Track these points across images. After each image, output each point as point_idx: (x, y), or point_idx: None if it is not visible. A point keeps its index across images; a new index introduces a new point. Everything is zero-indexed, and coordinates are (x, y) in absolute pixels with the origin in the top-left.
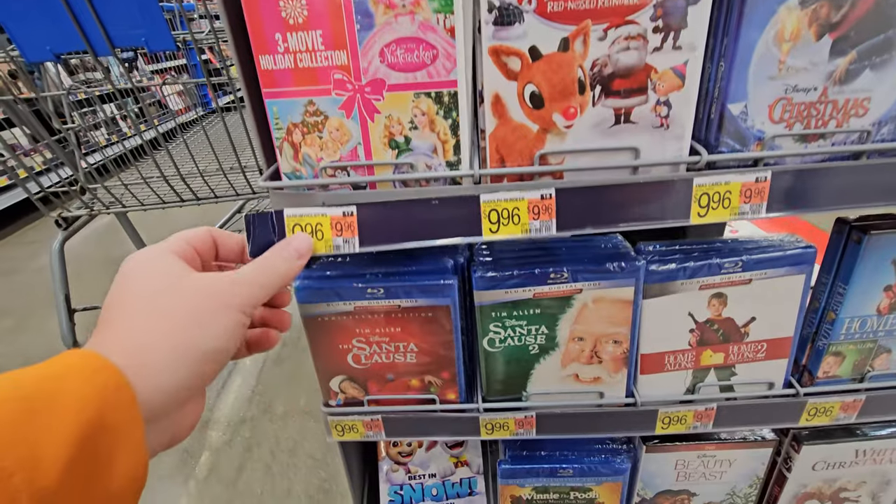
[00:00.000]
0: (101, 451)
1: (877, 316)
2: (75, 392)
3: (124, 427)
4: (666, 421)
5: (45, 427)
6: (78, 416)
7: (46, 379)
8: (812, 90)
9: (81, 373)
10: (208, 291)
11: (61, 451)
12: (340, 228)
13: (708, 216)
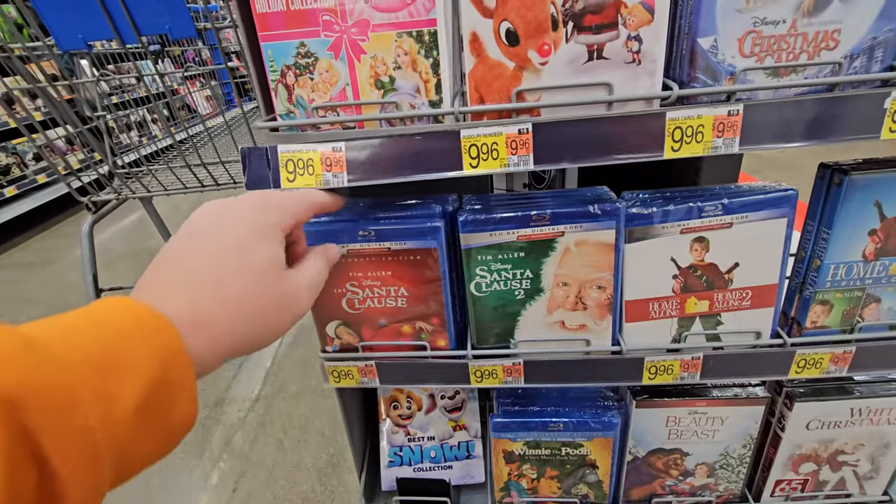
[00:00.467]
0: (161, 403)
1: (863, 262)
2: (141, 353)
3: (180, 384)
4: (653, 370)
5: (118, 385)
6: (143, 376)
7: (119, 338)
8: (781, 22)
9: (146, 335)
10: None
11: (131, 404)
12: (330, 164)
13: (682, 150)
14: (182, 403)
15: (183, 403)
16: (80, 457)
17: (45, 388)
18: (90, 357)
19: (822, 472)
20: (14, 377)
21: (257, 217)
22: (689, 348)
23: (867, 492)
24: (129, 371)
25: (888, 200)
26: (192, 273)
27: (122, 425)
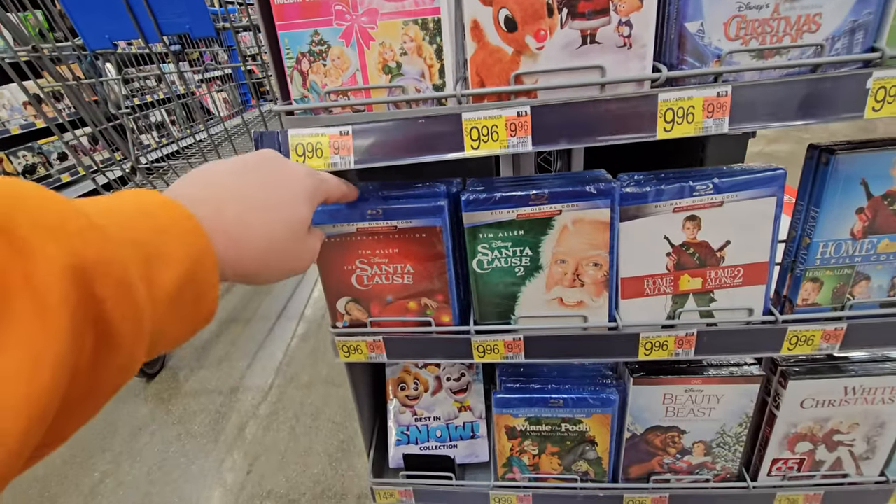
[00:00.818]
0: (190, 296)
1: (851, 240)
2: (179, 249)
3: (206, 282)
4: (648, 346)
5: (158, 272)
6: (177, 270)
7: (157, 232)
8: (764, 7)
9: (181, 233)
10: (304, 247)
11: (167, 292)
12: (337, 147)
13: (674, 131)
14: (206, 300)
15: (207, 300)
16: (131, 325)
17: (108, 261)
18: (137, 243)
19: (819, 452)
20: (85, 249)
21: (310, 180)
22: (683, 324)
23: (864, 473)
24: (167, 262)
25: (874, 179)
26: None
27: (160, 307)
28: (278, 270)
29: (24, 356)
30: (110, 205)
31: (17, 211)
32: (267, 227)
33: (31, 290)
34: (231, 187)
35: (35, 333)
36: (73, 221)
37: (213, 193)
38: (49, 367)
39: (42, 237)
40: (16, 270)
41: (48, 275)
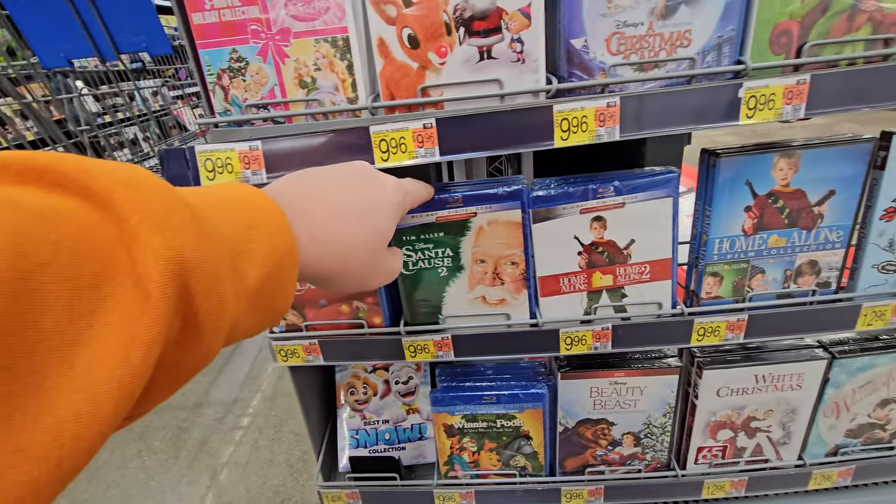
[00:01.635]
0: (269, 291)
1: (743, 236)
2: (266, 246)
3: (286, 280)
4: (568, 341)
5: (245, 267)
6: (263, 265)
7: (248, 227)
8: (640, 25)
9: (271, 231)
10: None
11: (251, 285)
12: (248, 161)
13: (570, 139)
14: (282, 297)
15: (283, 297)
16: (216, 317)
17: (203, 257)
18: (230, 237)
19: (739, 439)
20: (186, 243)
21: (398, 196)
22: (599, 319)
23: (783, 457)
24: (253, 258)
25: (757, 180)
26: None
27: (242, 300)
28: (353, 279)
29: (121, 340)
30: (211, 197)
31: (131, 201)
32: (350, 233)
33: (135, 276)
34: (322, 191)
35: (134, 317)
36: (177, 215)
37: (304, 195)
38: (142, 352)
39: (150, 228)
40: (124, 256)
41: (152, 264)
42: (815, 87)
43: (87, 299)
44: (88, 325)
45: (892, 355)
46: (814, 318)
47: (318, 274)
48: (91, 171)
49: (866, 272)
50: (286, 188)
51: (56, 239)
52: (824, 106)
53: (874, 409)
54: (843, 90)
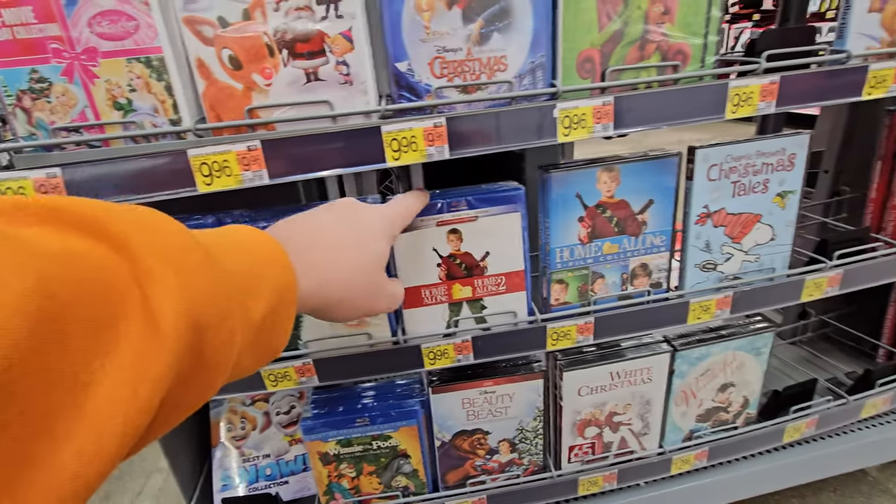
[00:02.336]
0: (270, 326)
1: (580, 245)
2: (270, 283)
3: (286, 315)
4: (431, 356)
5: (252, 302)
6: (267, 301)
7: (256, 264)
8: (459, 50)
9: (276, 268)
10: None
11: (256, 320)
12: (45, 190)
13: (402, 159)
14: (281, 332)
15: (282, 332)
16: (224, 352)
17: (215, 293)
18: (240, 274)
19: (605, 434)
20: (199, 282)
21: (386, 221)
22: (460, 331)
23: (646, 447)
24: (259, 294)
25: (586, 192)
26: (327, 236)
27: (247, 335)
28: (356, 305)
29: (130, 376)
30: (221, 237)
31: (147, 243)
32: (349, 261)
33: (147, 313)
34: (317, 229)
35: (144, 354)
36: (192, 255)
37: (302, 233)
38: (149, 389)
39: (165, 268)
40: (137, 294)
41: (167, 302)
42: (619, 107)
43: (103, 339)
44: (102, 366)
45: (723, 344)
46: (652, 316)
47: (321, 303)
48: (108, 213)
49: (691, 272)
50: (284, 229)
51: (77, 279)
52: (630, 125)
53: (716, 394)
54: (643, 110)
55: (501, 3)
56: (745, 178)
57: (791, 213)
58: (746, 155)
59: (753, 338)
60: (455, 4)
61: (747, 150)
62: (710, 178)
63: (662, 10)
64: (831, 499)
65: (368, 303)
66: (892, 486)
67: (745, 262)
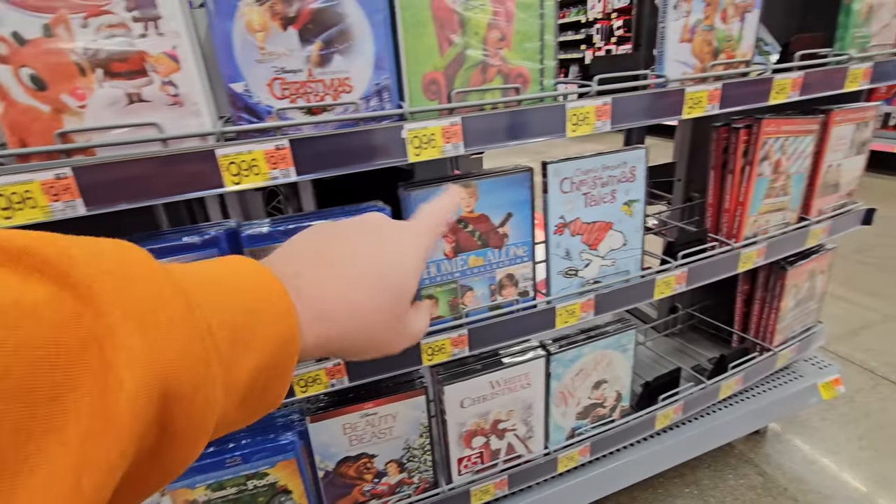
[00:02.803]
0: (263, 382)
1: (447, 259)
2: (265, 333)
3: (284, 368)
4: (302, 384)
5: (240, 357)
6: (261, 355)
7: (251, 313)
8: (299, 71)
9: (273, 315)
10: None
11: (244, 378)
12: None
13: (242, 182)
14: (278, 386)
15: (278, 387)
16: (200, 420)
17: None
18: (228, 325)
19: (492, 442)
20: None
21: (421, 249)
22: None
23: (532, 450)
24: (251, 348)
25: None
26: (343, 270)
27: (233, 396)
28: (374, 348)
29: (73, 463)
30: (210, 276)
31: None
32: (369, 301)
33: (103, 384)
34: (335, 253)
35: (95, 435)
36: (165, 309)
37: (315, 259)
38: (95, 479)
39: (130, 327)
40: (95, 361)
41: (126, 370)
42: (467, 127)
43: (41, 417)
44: (38, 449)
45: (592, 344)
46: (522, 324)
47: (332, 349)
48: (75, 256)
49: (556, 279)
50: (294, 253)
51: (14, 346)
52: (478, 143)
53: (592, 392)
54: (491, 129)
55: (339, 25)
56: (594, 190)
57: (638, 220)
58: (593, 168)
59: (618, 336)
60: (290, 25)
61: (594, 164)
62: (563, 190)
63: (499, 37)
64: (706, 474)
65: (389, 346)
66: (753, 455)
67: (603, 266)
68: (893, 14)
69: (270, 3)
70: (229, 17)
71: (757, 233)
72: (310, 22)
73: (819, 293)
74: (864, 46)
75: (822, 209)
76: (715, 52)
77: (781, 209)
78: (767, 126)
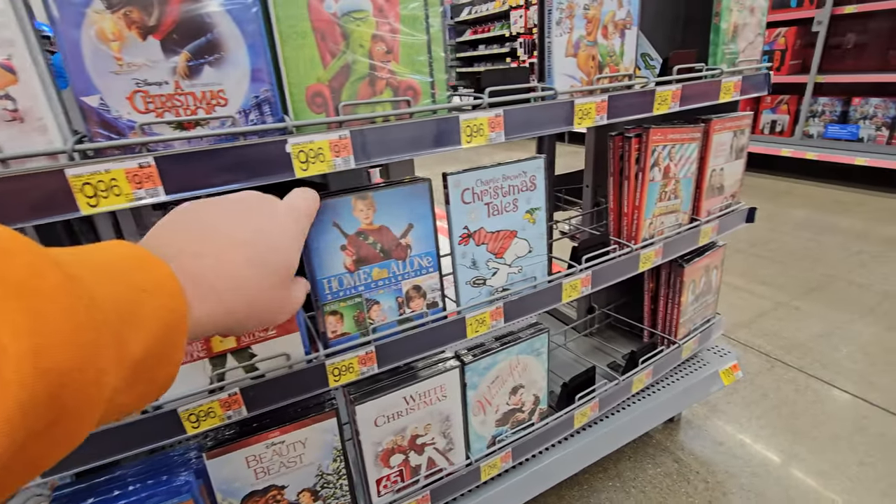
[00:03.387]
0: (154, 359)
1: (348, 273)
2: (153, 310)
3: (174, 346)
4: (193, 419)
5: (130, 333)
6: (150, 331)
7: (137, 290)
8: (164, 83)
9: (161, 295)
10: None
11: (136, 353)
12: None
13: (100, 205)
14: (169, 365)
15: (169, 365)
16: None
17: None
18: (113, 301)
19: (412, 459)
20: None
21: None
22: (230, 384)
23: (454, 462)
24: (141, 323)
25: (343, 221)
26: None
27: (122, 373)
28: (258, 319)
29: None
30: (89, 257)
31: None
32: (251, 273)
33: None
34: (214, 230)
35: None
36: (45, 281)
37: (194, 236)
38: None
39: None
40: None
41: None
42: (357, 140)
43: None
44: None
45: (506, 351)
46: (433, 336)
47: (219, 325)
48: None
49: (464, 289)
50: (172, 231)
51: None
52: (371, 156)
53: (509, 397)
54: (383, 142)
55: (209, 35)
56: (496, 200)
57: (541, 227)
58: (494, 178)
59: (531, 341)
60: (151, 35)
61: (494, 175)
62: (464, 200)
63: (385, 50)
64: (627, 466)
65: (272, 317)
66: (669, 443)
67: (511, 274)
68: (757, 33)
69: (124, 10)
70: (76, 26)
71: (654, 234)
72: (173, 32)
73: (715, 287)
74: (733, 62)
75: (710, 210)
76: (600, 66)
77: (674, 211)
78: (655, 135)
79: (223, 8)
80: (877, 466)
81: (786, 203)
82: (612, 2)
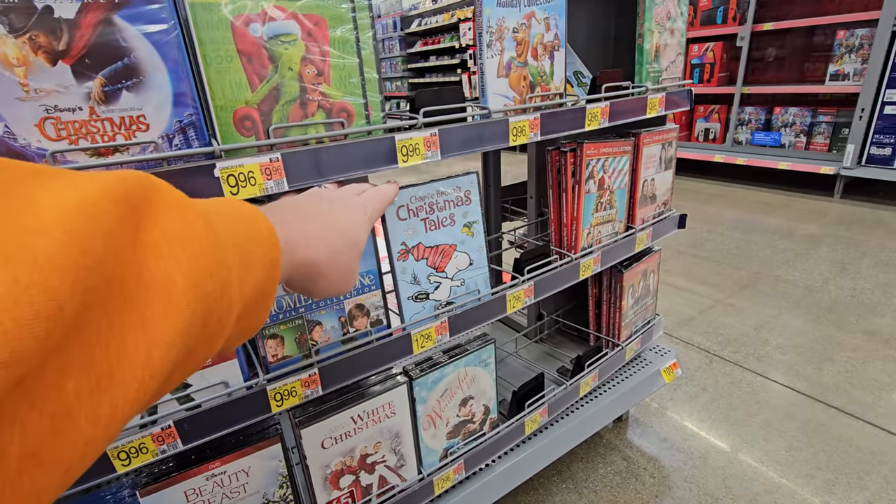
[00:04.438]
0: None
1: (287, 295)
2: (260, 258)
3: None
4: (124, 456)
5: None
6: (257, 276)
7: (251, 241)
8: (78, 109)
9: (266, 245)
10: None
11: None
12: None
13: None
14: (264, 309)
15: (264, 309)
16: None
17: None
18: (237, 247)
19: (362, 478)
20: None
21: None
22: (163, 417)
23: (406, 478)
24: (253, 268)
25: None
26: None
27: (238, 309)
28: (335, 283)
29: (145, 342)
30: (219, 209)
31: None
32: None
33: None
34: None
35: (158, 321)
36: (195, 227)
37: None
38: (160, 355)
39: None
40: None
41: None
42: (289, 163)
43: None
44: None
45: (453, 364)
46: (378, 355)
47: (310, 272)
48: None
49: (407, 304)
50: (277, 210)
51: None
52: (305, 178)
53: (459, 409)
54: (317, 164)
55: (125, 60)
56: (432, 215)
57: (480, 240)
58: (428, 195)
59: (478, 352)
60: (60, 60)
61: (428, 191)
62: (400, 217)
63: (316, 73)
64: (580, 467)
65: (344, 284)
66: (618, 442)
67: (454, 287)
68: (677, 53)
69: (29, 35)
70: None
71: (592, 243)
72: (85, 57)
73: (653, 290)
74: (657, 80)
75: (644, 218)
76: (531, 85)
77: (610, 221)
78: (588, 149)
79: (139, 32)
80: (803, 451)
81: (720, 205)
82: (540, 25)
